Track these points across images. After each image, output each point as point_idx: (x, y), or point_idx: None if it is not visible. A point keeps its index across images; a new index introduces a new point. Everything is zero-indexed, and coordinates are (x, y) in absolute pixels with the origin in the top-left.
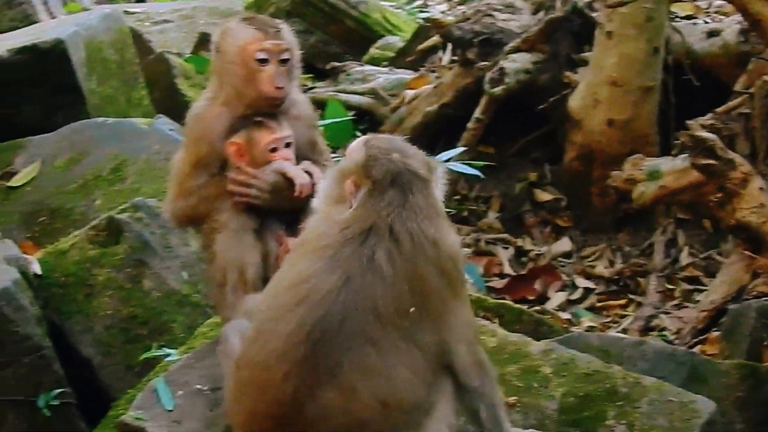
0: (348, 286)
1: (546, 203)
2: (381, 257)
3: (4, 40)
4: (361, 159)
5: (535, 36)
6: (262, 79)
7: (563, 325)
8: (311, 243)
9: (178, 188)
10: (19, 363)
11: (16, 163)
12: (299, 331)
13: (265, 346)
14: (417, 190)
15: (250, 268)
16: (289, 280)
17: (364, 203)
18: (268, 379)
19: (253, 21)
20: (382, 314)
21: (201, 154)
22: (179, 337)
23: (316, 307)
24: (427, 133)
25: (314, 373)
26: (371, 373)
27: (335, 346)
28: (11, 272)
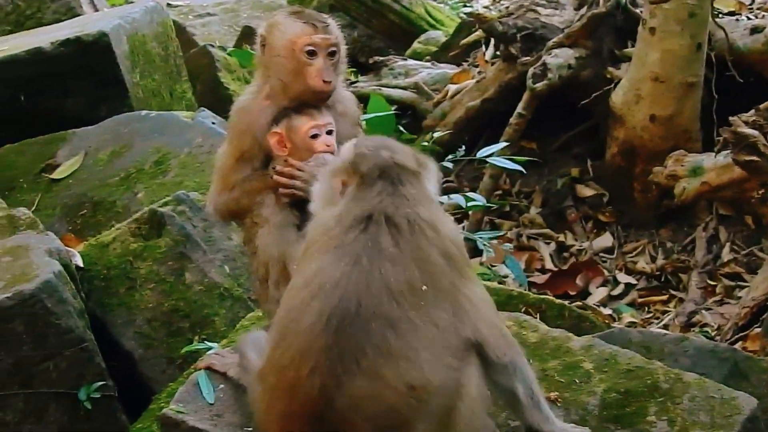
0: (358, 268)
1: (588, 198)
2: (385, 240)
3: (48, 32)
4: (349, 157)
5: (578, 31)
6: (310, 72)
7: (604, 321)
8: (314, 243)
9: (222, 182)
10: (60, 356)
11: (59, 156)
12: (318, 322)
13: (288, 347)
14: (406, 182)
15: (292, 262)
16: (302, 281)
17: (353, 196)
18: (295, 378)
19: (302, 15)
20: (395, 293)
21: (244, 148)
22: (221, 331)
23: (331, 294)
24: (469, 128)
25: (340, 362)
26: (394, 356)
27: (356, 330)
28: (53, 265)
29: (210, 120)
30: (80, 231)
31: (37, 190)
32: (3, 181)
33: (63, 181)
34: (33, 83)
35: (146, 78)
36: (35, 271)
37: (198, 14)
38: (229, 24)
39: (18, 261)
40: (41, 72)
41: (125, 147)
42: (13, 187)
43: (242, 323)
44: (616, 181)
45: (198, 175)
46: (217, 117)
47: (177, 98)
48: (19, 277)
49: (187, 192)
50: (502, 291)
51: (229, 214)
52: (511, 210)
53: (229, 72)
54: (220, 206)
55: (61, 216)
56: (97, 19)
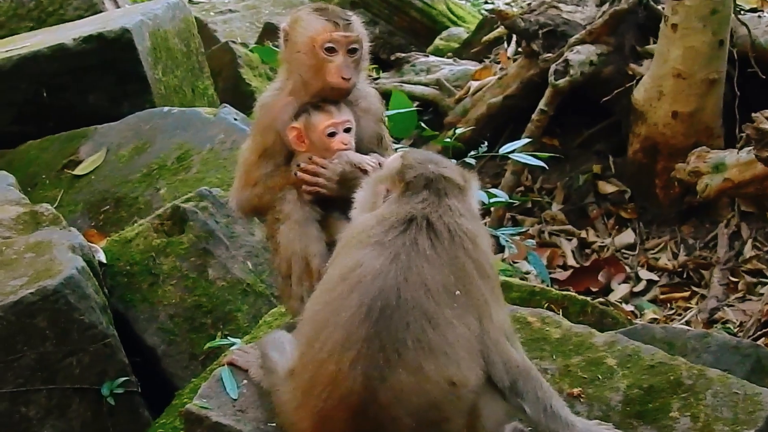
0: (397, 263)
1: (610, 195)
2: (424, 243)
3: (70, 29)
4: (396, 167)
5: (600, 28)
6: (329, 69)
7: (627, 317)
8: (352, 239)
9: (245, 178)
10: (84, 351)
11: (81, 152)
12: (358, 312)
13: (327, 340)
14: (452, 194)
15: (314, 258)
16: (339, 274)
17: (397, 200)
18: (336, 372)
19: (324, 11)
20: (432, 290)
21: (267, 144)
22: (243, 327)
23: (371, 286)
24: (491, 125)
25: (381, 353)
26: (434, 350)
27: (395, 322)
28: (76, 260)
29: (232, 116)
30: (103, 227)
31: (60, 186)
32: (26, 177)
33: (85, 178)
34: (55, 79)
35: (168, 74)
36: (58, 267)
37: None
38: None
39: (41, 257)
40: (64, 68)
41: (147, 143)
42: (36, 183)
43: (265, 319)
44: (638, 178)
45: (220, 171)
46: (240, 113)
47: (199, 94)
48: (42, 272)
49: (210, 188)
50: (525, 287)
51: (252, 210)
52: (533, 206)
53: (251, 68)
54: (242, 202)
55: (83, 212)
56: (119, 16)
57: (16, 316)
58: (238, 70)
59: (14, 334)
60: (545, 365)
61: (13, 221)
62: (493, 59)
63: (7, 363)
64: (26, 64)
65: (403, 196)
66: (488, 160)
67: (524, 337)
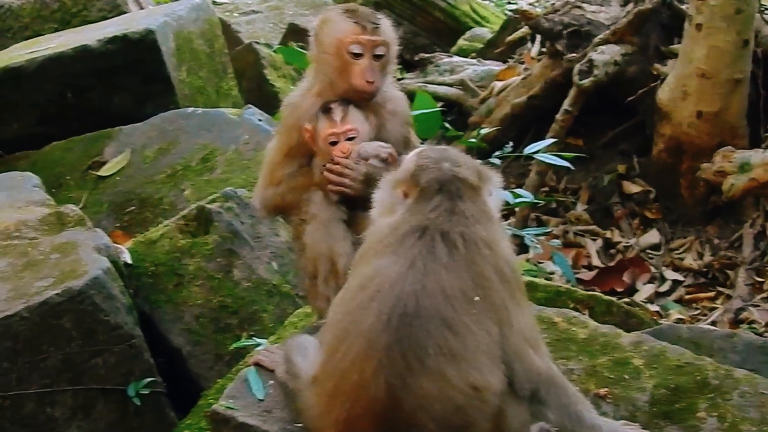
0: (413, 270)
1: (634, 195)
2: (440, 250)
3: (94, 30)
4: (410, 168)
5: (624, 28)
6: (354, 72)
7: (652, 317)
8: (371, 248)
9: (269, 177)
10: (109, 352)
11: (106, 153)
12: (378, 322)
13: (349, 349)
14: (466, 197)
15: (341, 258)
16: (358, 283)
17: (411, 208)
18: (359, 381)
19: (354, 14)
20: (450, 296)
21: (292, 144)
22: (269, 327)
23: (389, 294)
24: (515, 125)
25: (403, 361)
26: (456, 357)
27: (416, 329)
28: (102, 261)
29: (257, 117)
30: (128, 228)
31: (85, 187)
32: (51, 178)
33: (110, 179)
34: (80, 81)
35: (192, 75)
36: (84, 268)
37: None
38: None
39: (66, 258)
40: (88, 69)
41: (172, 144)
42: (61, 184)
43: (290, 319)
44: (663, 178)
45: (245, 172)
46: (264, 114)
47: (223, 95)
48: (67, 273)
49: (235, 189)
50: (550, 287)
51: (275, 209)
52: (557, 207)
53: (275, 69)
54: (266, 201)
55: (108, 213)
56: (143, 17)
57: (42, 317)
58: (261, 71)
59: (40, 334)
60: (571, 365)
61: (38, 222)
62: (517, 59)
63: (33, 364)
64: (50, 65)
65: (417, 203)
66: (513, 161)
67: (550, 338)
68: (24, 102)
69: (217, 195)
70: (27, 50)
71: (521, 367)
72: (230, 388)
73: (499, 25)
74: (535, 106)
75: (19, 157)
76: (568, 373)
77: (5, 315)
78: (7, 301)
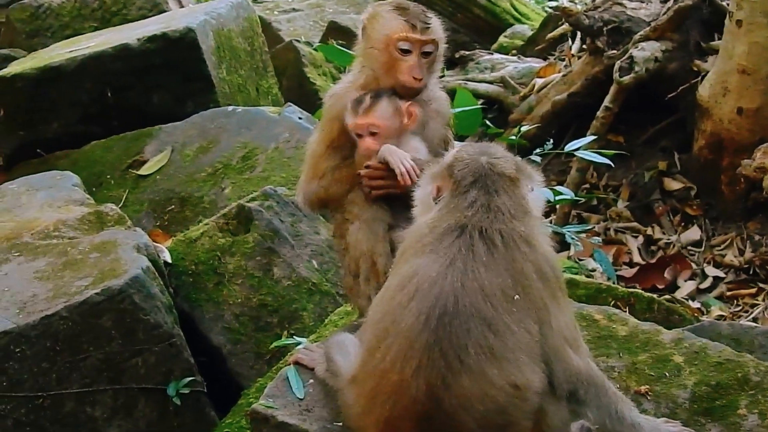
0: (452, 268)
1: (675, 192)
2: (479, 248)
3: (134, 29)
4: (447, 161)
5: (665, 24)
6: (401, 68)
7: (693, 314)
8: (409, 248)
9: (312, 170)
10: (149, 351)
11: (146, 152)
12: (417, 321)
13: (389, 349)
14: (503, 191)
15: (380, 258)
16: (396, 283)
17: (447, 205)
18: (399, 381)
19: (404, 11)
20: (489, 294)
21: (334, 135)
22: (309, 326)
23: (428, 294)
24: (556, 122)
25: (443, 360)
26: (496, 355)
27: (455, 328)
28: (142, 260)
29: (297, 115)
30: (167, 227)
31: (125, 186)
32: (91, 177)
33: (150, 177)
34: (120, 79)
35: (232, 73)
36: (124, 267)
37: (283, 10)
38: (315, 19)
39: (106, 257)
40: (128, 68)
41: (212, 142)
42: (101, 183)
43: (330, 318)
44: (704, 174)
45: (285, 170)
46: (304, 112)
47: (263, 94)
48: (107, 273)
49: (275, 187)
50: (591, 284)
51: (319, 203)
52: (598, 204)
53: (315, 67)
54: (309, 194)
55: (148, 212)
56: (183, 15)
57: (82, 317)
58: (302, 69)
59: (80, 334)
60: (612, 363)
61: (78, 221)
62: (557, 56)
63: (73, 363)
64: (90, 64)
65: (453, 197)
66: (553, 158)
67: (591, 335)
68: (64, 101)
69: (257, 193)
70: (67, 49)
71: (560, 366)
72: (270, 387)
73: (539, 22)
74: (575, 103)
75: (59, 156)
76: (608, 371)
77: (45, 315)
78: (47, 301)
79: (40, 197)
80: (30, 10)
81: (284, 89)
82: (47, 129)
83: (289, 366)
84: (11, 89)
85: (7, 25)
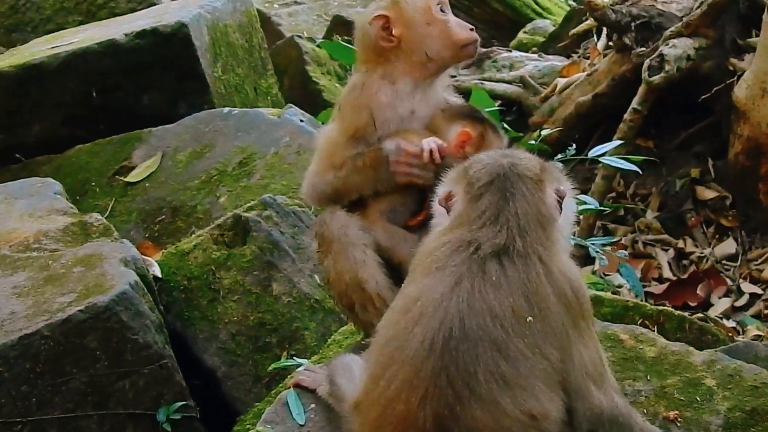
0: (459, 289)
1: (709, 201)
2: (490, 265)
3: (122, 23)
4: (465, 165)
5: (698, 20)
6: (453, 29)
7: (728, 334)
8: (420, 264)
9: (329, 159)
10: (138, 373)
11: (134, 157)
12: (423, 347)
13: (393, 377)
14: (521, 195)
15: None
16: (402, 306)
17: (458, 215)
18: (405, 411)
19: None
20: (499, 316)
21: (360, 124)
22: (311, 346)
23: (432, 318)
24: (580, 125)
25: (451, 389)
26: (509, 383)
27: (463, 353)
28: (129, 275)
29: (298, 117)
30: (158, 238)
31: (112, 194)
32: (75, 184)
33: (139, 185)
34: (106, 78)
35: (229, 72)
36: (110, 282)
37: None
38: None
39: (91, 271)
40: (115, 66)
41: (206, 147)
42: (86, 191)
43: (334, 337)
44: (740, 183)
45: (286, 177)
46: (306, 114)
47: (262, 94)
48: (92, 288)
49: (274, 195)
50: (617, 302)
51: (332, 195)
52: (625, 214)
53: (319, 65)
54: (322, 186)
55: (137, 222)
56: (175, 9)
57: (65, 336)
58: (304, 68)
59: (63, 355)
60: (639, 386)
61: (60, 232)
62: (581, 54)
63: (56, 386)
64: (75, 61)
65: (465, 203)
66: (577, 164)
67: (616, 357)
68: (46, 102)
69: (255, 202)
70: (49, 45)
71: (581, 404)
72: (268, 412)
73: (562, 17)
74: (601, 104)
75: (41, 161)
76: (635, 395)
77: (25, 333)
78: (27, 319)
79: (19, 206)
80: (9, 3)
81: (285, 89)
82: (27, 132)
83: (289, 389)
84: None
85: None
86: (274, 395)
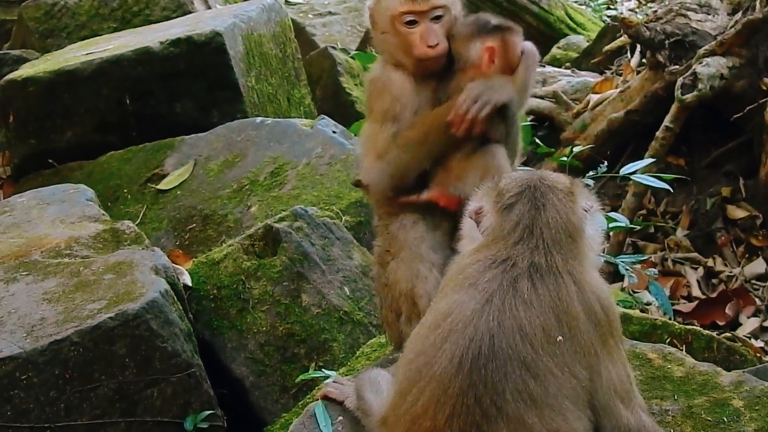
0: (489, 306)
1: (740, 221)
2: (523, 284)
3: (157, 31)
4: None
5: (732, 38)
6: (413, 42)
7: (756, 354)
8: (451, 281)
9: (374, 150)
10: (166, 381)
11: (166, 165)
12: (451, 365)
13: (421, 394)
14: (551, 206)
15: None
16: (432, 321)
17: (491, 230)
18: (431, 428)
19: None
20: (529, 335)
21: (385, 106)
22: (339, 358)
23: (461, 335)
24: (611, 142)
25: (478, 407)
26: (537, 402)
27: (491, 371)
28: (160, 283)
29: (331, 128)
30: (188, 246)
31: (143, 201)
32: (106, 191)
33: (171, 192)
34: (140, 86)
35: (262, 82)
36: (140, 290)
37: (318, 13)
38: (352, 24)
39: (121, 278)
40: (149, 74)
41: (238, 156)
42: (117, 198)
43: (363, 350)
44: None
45: (317, 188)
46: (339, 125)
47: (295, 104)
48: (122, 295)
49: (305, 207)
50: (645, 320)
51: (398, 177)
52: (655, 232)
53: (352, 77)
54: (380, 176)
55: (168, 230)
56: (210, 18)
57: (94, 343)
58: (337, 78)
59: (92, 361)
60: (666, 406)
61: (91, 239)
62: (615, 71)
63: (84, 393)
64: (109, 68)
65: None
66: (608, 181)
67: (644, 375)
68: (79, 108)
69: (286, 213)
70: (83, 51)
71: (609, 423)
72: (296, 424)
73: (596, 33)
74: (633, 121)
75: (73, 167)
76: (662, 414)
77: (54, 339)
78: (57, 325)
79: (51, 212)
80: (44, 9)
81: (318, 100)
82: (60, 138)
83: (317, 401)
84: (22, 93)
85: (19, 25)
86: (301, 406)
